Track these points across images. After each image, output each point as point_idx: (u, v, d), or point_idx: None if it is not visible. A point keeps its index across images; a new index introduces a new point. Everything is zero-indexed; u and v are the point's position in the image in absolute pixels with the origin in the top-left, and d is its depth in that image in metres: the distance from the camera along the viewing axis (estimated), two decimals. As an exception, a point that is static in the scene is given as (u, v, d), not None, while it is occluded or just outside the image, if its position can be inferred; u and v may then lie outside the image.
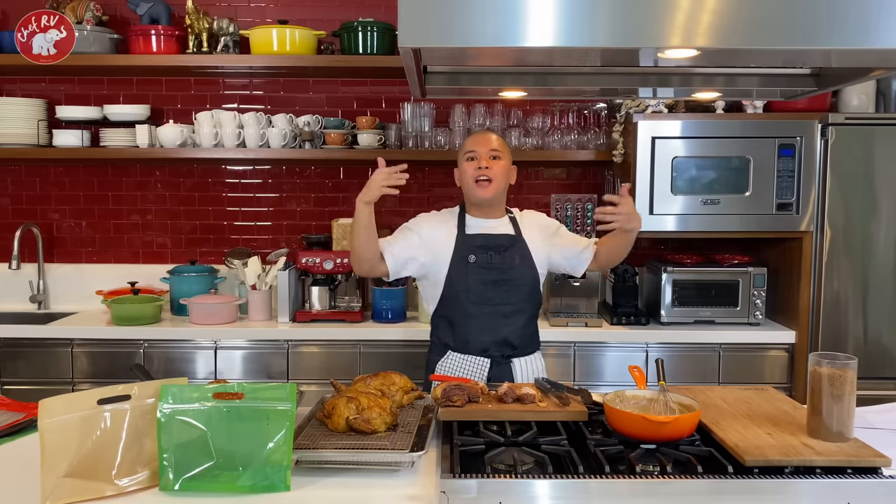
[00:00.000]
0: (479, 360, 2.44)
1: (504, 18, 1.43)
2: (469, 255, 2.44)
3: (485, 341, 2.43)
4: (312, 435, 1.74)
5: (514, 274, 2.46)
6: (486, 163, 2.42)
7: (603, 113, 3.64)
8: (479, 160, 2.43)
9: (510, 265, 2.45)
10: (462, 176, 2.49)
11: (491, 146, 2.45)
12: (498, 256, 2.44)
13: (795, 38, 1.45)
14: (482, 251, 2.44)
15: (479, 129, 2.75)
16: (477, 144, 2.46)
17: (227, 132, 3.53)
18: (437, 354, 2.51)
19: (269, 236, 3.87)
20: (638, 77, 2.17)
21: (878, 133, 3.22)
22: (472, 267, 2.43)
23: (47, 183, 3.84)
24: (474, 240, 2.46)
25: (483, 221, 2.50)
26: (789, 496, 1.55)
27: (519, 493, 1.53)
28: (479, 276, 2.43)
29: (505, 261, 2.45)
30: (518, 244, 2.49)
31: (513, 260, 2.46)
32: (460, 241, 2.47)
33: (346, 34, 3.48)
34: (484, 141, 2.46)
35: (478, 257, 2.44)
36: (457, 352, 2.46)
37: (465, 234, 2.48)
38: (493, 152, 2.44)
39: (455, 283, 2.44)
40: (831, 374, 1.69)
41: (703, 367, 3.30)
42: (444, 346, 2.49)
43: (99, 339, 3.29)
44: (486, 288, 2.43)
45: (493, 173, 2.43)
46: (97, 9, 3.54)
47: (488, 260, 2.44)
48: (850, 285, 3.25)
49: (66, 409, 1.52)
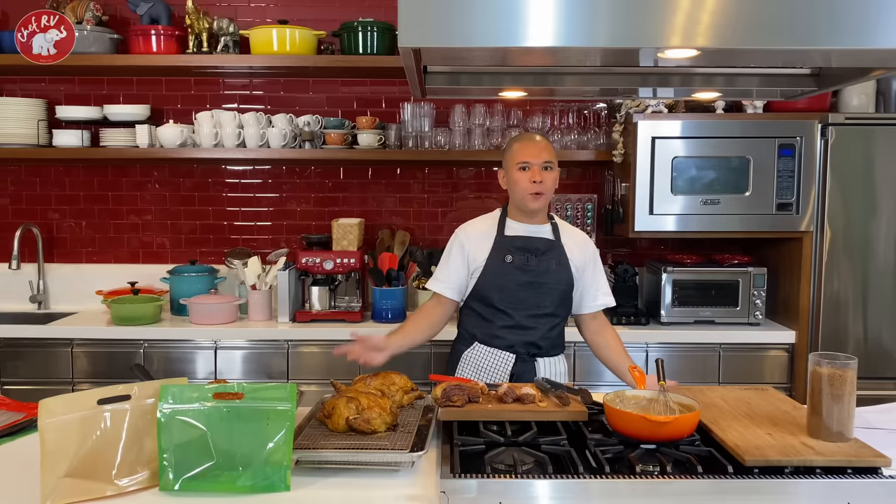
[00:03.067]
0: (505, 356, 2.45)
1: (504, 18, 1.43)
2: (506, 255, 2.45)
3: (511, 339, 2.45)
4: (312, 435, 1.74)
5: (550, 278, 2.46)
6: (539, 176, 2.40)
7: (603, 113, 3.64)
8: (532, 172, 2.41)
9: (546, 269, 2.46)
10: (513, 185, 2.46)
11: (544, 158, 2.42)
12: (535, 259, 2.45)
13: (795, 38, 1.45)
14: (520, 253, 2.45)
15: (525, 133, 2.62)
16: (530, 155, 2.42)
17: (227, 132, 3.53)
18: (464, 345, 2.53)
19: (269, 236, 3.87)
20: (638, 77, 2.17)
21: (878, 133, 3.22)
22: (508, 267, 2.44)
23: (47, 183, 3.84)
24: (513, 241, 2.47)
25: (524, 225, 2.50)
26: (789, 496, 1.55)
27: (519, 493, 1.53)
28: (514, 276, 2.44)
29: (542, 264, 2.46)
30: (556, 249, 2.49)
31: (549, 264, 2.46)
32: (498, 241, 2.48)
33: (346, 34, 3.48)
34: (537, 151, 2.43)
35: (515, 258, 2.44)
36: (483, 344, 2.48)
37: (503, 235, 2.49)
38: (546, 163, 2.42)
39: (489, 280, 2.45)
40: (831, 374, 1.69)
41: (703, 367, 3.30)
42: (472, 337, 2.51)
43: (99, 339, 3.29)
44: (519, 289, 2.44)
45: (545, 186, 2.42)
46: (97, 9, 3.54)
47: (525, 262, 2.44)
48: (850, 285, 3.25)
49: (66, 409, 1.52)
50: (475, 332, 2.51)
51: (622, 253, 3.85)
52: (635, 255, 3.85)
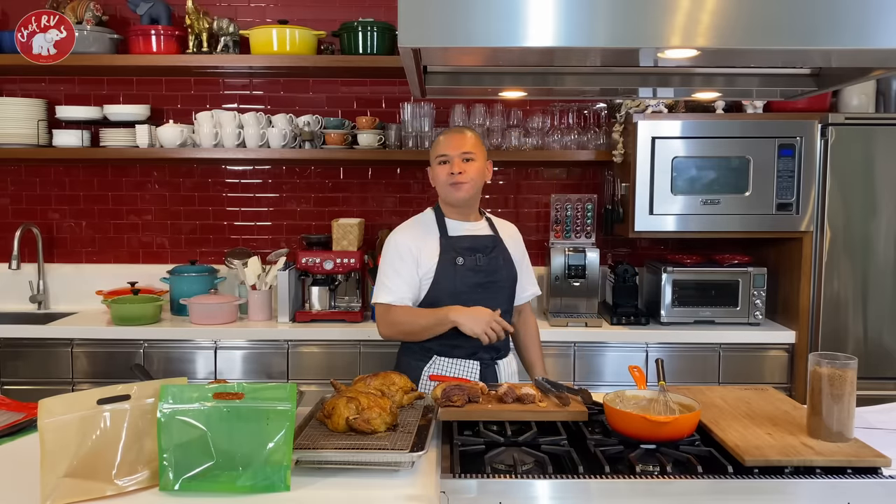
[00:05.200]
0: (470, 364, 2.38)
1: (504, 18, 1.43)
2: (456, 257, 2.38)
3: (472, 346, 2.36)
4: (312, 435, 1.74)
5: (500, 276, 2.43)
6: (458, 167, 2.35)
7: (603, 113, 3.64)
8: (451, 164, 2.36)
9: (496, 267, 2.42)
10: (436, 179, 2.42)
11: (463, 148, 2.36)
12: (485, 258, 2.41)
13: (795, 38, 1.45)
14: (469, 253, 2.39)
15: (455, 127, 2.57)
16: (449, 147, 2.37)
17: (227, 132, 3.53)
18: (418, 359, 2.41)
19: (269, 236, 3.87)
20: (638, 77, 2.17)
21: (878, 133, 3.22)
22: (461, 269, 2.37)
23: (47, 183, 3.84)
24: (460, 242, 2.41)
25: (464, 224, 2.45)
26: (789, 496, 1.55)
27: (519, 493, 1.53)
28: (466, 278, 2.37)
29: (491, 262, 2.42)
30: (499, 245, 2.47)
31: (497, 262, 2.43)
32: (444, 244, 2.40)
33: (346, 34, 3.48)
34: (456, 143, 2.37)
35: (465, 260, 2.38)
36: (443, 356, 2.39)
37: (448, 237, 2.41)
38: (466, 154, 2.36)
39: (442, 286, 2.36)
40: (831, 374, 1.69)
41: (703, 367, 3.30)
42: (428, 351, 2.40)
43: (99, 339, 3.29)
44: (473, 291, 2.36)
45: (466, 177, 2.36)
46: (97, 9, 3.54)
47: (476, 262, 2.39)
48: (850, 285, 3.25)
49: (65, 409, 1.52)
50: (430, 346, 2.39)
51: (622, 253, 3.85)
52: (635, 255, 3.85)
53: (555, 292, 3.50)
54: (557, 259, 3.49)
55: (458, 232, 2.43)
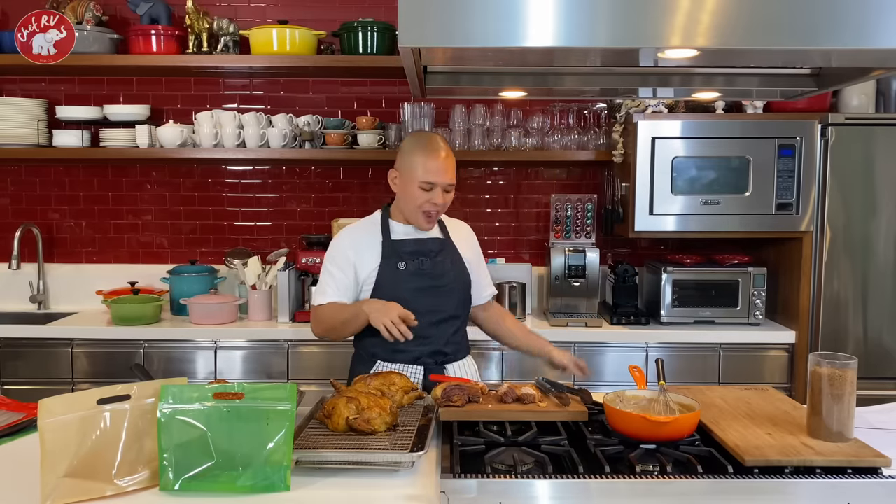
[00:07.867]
0: (413, 370, 2.31)
1: (504, 18, 1.43)
2: (398, 262, 2.29)
3: (415, 351, 2.28)
4: (312, 435, 1.74)
5: (447, 280, 2.33)
6: (441, 199, 2.26)
7: (603, 113, 3.64)
8: (433, 193, 2.24)
9: (442, 271, 2.32)
10: (409, 199, 2.28)
11: (449, 179, 2.26)
12: (429, 262, 2.31)
13: (795, 38, 1.45)
14: (412, 257, 2.30)
15: (429, 139, 2.33)
16: (437, 175, 2.24)
17: (227, 132, 3.53)
18: (364, 365, 2.34)
19: (269, 236, 3.87)
20: (638, 77, 2.17)
21: (878, 133, 3.22)
22: (403, 274, 2.28)
23: (47, 183, 3.84)
24: (403, 245, 2.32)
25: (409, 227, 2.35)
26: (789, 496, 1.55)
27: (519, 493, 1.53)
28: (410, 283, 2.28)
29: (437, 267, 2.32)
30: (448, 248, 2.38)
31: (445, 265, 2.33)
32: (387, 247, 2.31)
33: (346, 34, 3.48)
34: (443, 170, 2.25)
35: (408, 264, 2.29)
36: (386, 362, 2.32)
37: (391, 241, 2.32)
38: (450, 185, 2.27)
39: (384, 291, 2.27)
40: (831, 374, 1.69)
41: (703, 367, 3.30)
42: (372, 357, 2.33)
43: (99, 339, 3.29)
44: (417, 296, 2.26)
45: (443, 209, 2.30)
46: (97, 9, 3.54)
47: (419, 266, 2.29)
48: (850, 285, 3.25)
49: (65, 409, 1.52)
50: (375, 351, 2.32)
51: (622, 253, 3.85)
52: (635, 255, 3.85)
53: (555, 292, 3.50)
54: (557, 259, 3.49)
55: (402, 236, 2.35)
